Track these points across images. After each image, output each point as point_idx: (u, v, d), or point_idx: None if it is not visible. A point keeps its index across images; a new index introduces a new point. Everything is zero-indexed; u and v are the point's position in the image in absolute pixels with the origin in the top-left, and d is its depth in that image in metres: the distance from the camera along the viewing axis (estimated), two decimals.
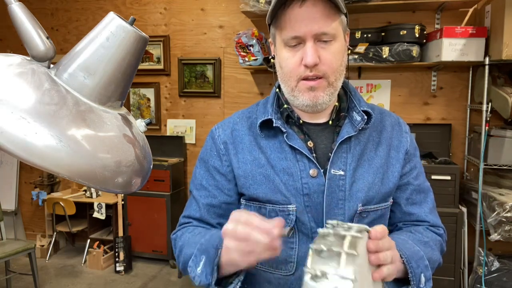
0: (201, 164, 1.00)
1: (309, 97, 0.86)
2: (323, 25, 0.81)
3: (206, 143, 1.01)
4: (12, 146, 0.45)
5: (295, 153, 0.90)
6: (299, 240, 0.91)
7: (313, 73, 0.84)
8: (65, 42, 3.99)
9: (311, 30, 0.81)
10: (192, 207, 0.99)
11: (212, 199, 0.96)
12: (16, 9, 0.52)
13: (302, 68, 0.84)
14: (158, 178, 3.49)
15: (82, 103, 0.52)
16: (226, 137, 0.97)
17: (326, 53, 0.83)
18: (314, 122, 0.95)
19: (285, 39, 0.84)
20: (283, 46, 0.86)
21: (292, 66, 0.85)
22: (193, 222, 0.98)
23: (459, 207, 2.69)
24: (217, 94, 3.67)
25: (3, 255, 2.89)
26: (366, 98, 3.26)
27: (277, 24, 0.86)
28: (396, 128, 0.99)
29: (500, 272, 2.62)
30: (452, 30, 2.63)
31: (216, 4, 3.60)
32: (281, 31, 0.85)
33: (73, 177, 0.48)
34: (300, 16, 0.81)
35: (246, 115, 1.00)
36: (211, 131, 1.01)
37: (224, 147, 0.96)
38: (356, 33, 2.89)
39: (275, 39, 0.90)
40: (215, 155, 0.97)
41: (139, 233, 3.63)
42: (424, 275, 0.83)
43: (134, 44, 0.55)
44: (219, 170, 0.96)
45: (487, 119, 2.61)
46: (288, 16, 0.82)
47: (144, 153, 0.60)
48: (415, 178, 0.98)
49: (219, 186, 0.96)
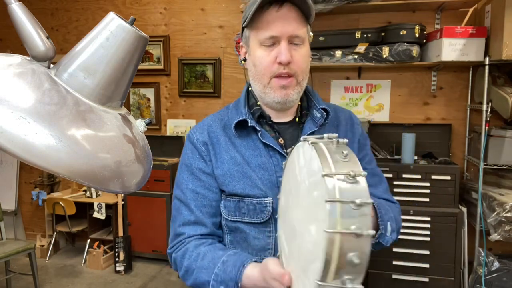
0: (184, 169, 1.04)
1: (281, 95, 0.96)
2: (296, 28, 0.92)
3: (186, 148, 1.06)
4: (12, 146, 0.45)
5: (268, 149, 1.00)
6: (275, 229, 0.98)
7: (286, 71, 0.93)
8: (65, 42, 3.99)
9: (287, 31, 0.91)
10: (183, 213, 1.02)
11: (202, 199, 1.01)
12: (16, 9, 0.52)
13: (276, 66, 0.93)
14: (158, 178, 3.49)
15: (82, 103, 0.52)
16: (204, 138, 1.03)
17: (297, 54, 0.94)
18: (282, 121, 1.04)
19: (262, 39, 0.93)
20: (259, 46, 0.95)
21: (266, 64, 0.94)
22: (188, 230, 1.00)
23: (459, 207, 2.69)
24: (217, 94, 3.67)
25: (3, 255, 2.89)
26: (366, 98, 3.26)
27: (253, 25, 0.95)
28: (349, 122, 1.10)
29: (500, 272, 2.62)
30: (452, 30, 2.63)
31: (216, 4, 3.60)
32: (257, 32, 0.94)
33: (73, 177, 0.48)
34: (277, 18, 0.91)
35: (218, 117, 1.07)
36: (188, 136, 1.06)
37: (205, 148, 1.03)
38: (356, 33, 2.89)
39: (248, 41, 0.99)
40: (198, 157, 1.03)
41: (139, 233, 3.63)
42: (390, 224, 0.93)
43: (134, 44, 0.55)
44: (204, 170, 1.02)
45: (487, 119, 2.61)
46: (265, 18, 0.92)
47: (144, 153, 0.60)
48: (368, 163, 1.09)
49: (206, 186, 1.01)
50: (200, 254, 0.96)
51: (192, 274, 0.95)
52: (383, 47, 2.82)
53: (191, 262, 0.96)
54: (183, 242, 1.01)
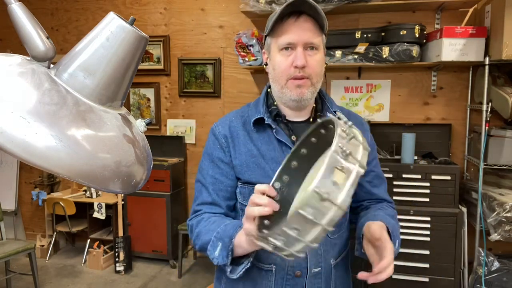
0: (206, 158, 1.18)
1: (296, 93, 1.07)
2: (311, 37, 1.05)
3: (209, 139, 1.19)
4: (12, 146, 0.45)
5: (281, 145, 1.11)
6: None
7: (301, 74, 1.05)
8: (65, 42, 4.00)
9: (302, 38, 1.04)
10: (203, 194, 1.16)
11: (220, 184, 1.14)
12: (16, 9, 0.52)
13: (292, 69, 1.05)
14: (158, 178, 3.49)
15: (82, 103, 0.52)
16: (226, 132, 1.15)
17: (312, 59, 1.06)
18: (297, 120, 1.16)
19: (281, 45, 1.06)
20: (278, 51, 1.07)
21: (284, 67, 1.06)
22: (205, 208, 1.14)
23: (459, 207, 2.69)
24: (217, 94, 3.67)
25: (3, 255, 2.89)
26: (366, 98, 3.26)
27: (274, 34, 1.08)
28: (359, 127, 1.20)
29: (500, 272, 2.62)
30: (452, 30, 2.63)
31: (216, 4, 3.60)
32: (277, 39, 1.07)
33: (73, 177, 0.48)
34: (295, 27, 1.04)
35: (239, 114, 1.20)
36: (212, 128, 1.19)
37: (225, 140, 1.15)
38: (356, 33, 2.89)
39: (270, 48, 1.11)
40: (219, 148, 1.15)
41: (139, 233, 3.63)
42: (398, 241, 1.05)
43: (134, 44, 0.55)
44: (223, 160, 1.14)
45: (487, 119, 2.61)
46: (285, 27, 1.05)
47: (144, 153, 0.60)
48: (375, 166, 1.24)
49: (224, 173, 1.14)
50: (211, 221, 1.09)
51: (200, 236, 1.08)
52: (383, 47, 2.82)
53: (201, 227, 1.09)
54: (200, 214, 1.14)
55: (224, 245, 0.99)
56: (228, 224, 1.03)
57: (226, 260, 0.98)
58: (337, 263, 1.15)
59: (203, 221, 1.11)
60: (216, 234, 1.02)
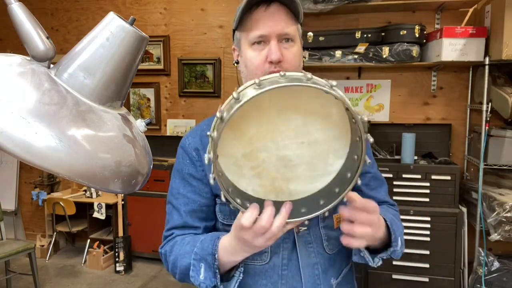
0: (176, 175, 1.04)
1: None
2: (285, 26, 0.91)
3: (178, 154, 1.05)
4: (12, 146, 0.45)
5: None
6: None
7: (277, 69, 0.89)
8: (65, 42, 3.99)
9: (275, 29, 0.90)
10: (173, 217, 1.03)
11: (193, 204, 1.00)
12: (16, 9, 0.52)
13: (267, 65, 0.91)
14: (158, 178, 3.49)
15: (82, 103, 0.52)
16: (196, 144, 1.01)
17: (288, 53, 0.92)
18: None
19: (251, 39, 0.93)
20: (249, 46, 0.94)
21: (257, 64, 0.92)
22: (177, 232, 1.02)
23: (459, 207, 2.69)
24: (217, 94, 3.67)
25: (3, 255, 2.89)
26: (366, 98, 3.26)
27: (243, 27, 0.95)
28: None
29: (500, 272, 2.62)
30: (452, 30, 2.63)
31: (216, 4, 3.60)
32: (247, 33, 0.94)
33: (73, 177, 0.48)
34: (265, 17, 0.91)
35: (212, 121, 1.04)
36: (181, 141, 1.06)
37: (196, 153, 1.01)
38: (356, 33, 2.89)
39: (239, 43, 0.99)
40: (189, 162, 1.02)
41: (139, 233, 3.63)
42: (400, 238, 0.92)
43: (134, 44, 0.55)
44: (195, 176, 1.01)
45: (487, 119, 2.61)
46: (254, 18, 0.92)
47: (144, 153, 0.60)
48: (371, 167, 1.09)
49: (196, 191, 1.01)
50: (185, 242, 0.96)
51: (176, 264, 0.95)
52: (383, 47, 2.82)
53: (176, 253, 0.96)
54: (172, 238, 1.02)
55: (208, 265, 0.86)
56: (203, 240, 0.90)
57: (214, 281, 0.86)
58: (339, 282, 1.01)
59: (176, 245, 0.97)
60: (195, 256, 0.89)
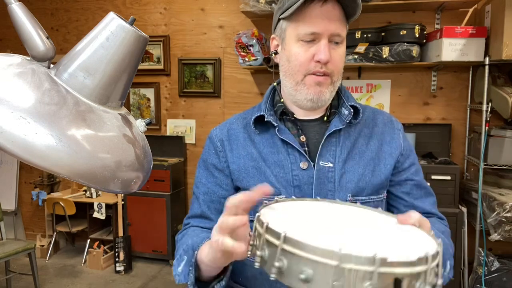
0: (201, 165, 1.06)
1: (314, 91, 0.91)
2: (338, 27, 0.88)
3: (205, 144, 1.07)
4: (12, 146, 0.45)
5: (287, 146, 0.95)
6: None
7: (323, 70, 0.89)
8: (65, 42, 3.99)
9: (329, 29, 0.87)
10: (194, 206, 1.03)
11: (212, 194, 1.00)
12: (16, 9, 0.52)
13: (313, 63, 0.89)
14: (158, 178, 3.49)
15: (82, 103, 0.52)
16: (223, 135, 1.02)
17: (336, 54, 0.90)
18: (307, 118, 0.99)
19: (301, 34, 0.89)
20: (296, 40, 0.90)
21: (302, 60, 0.90)
22: (194, 221, 1.01)
23: (459, 207, 2.68)
24: (217, 94, 3.67)
25: (3, 255, 2.89)
26: (366, 98, 3.26)
27: (293, 18, 0.90)
28: (388, 125, 1.03)
29: (500, 272, 2.62)
30: (452, 30, 2.63)
31: (216, 4, 3.60)
32: (297, 26, 0.89)
33: (73, 177, 0.48)
34: (321, 14, 0.87)
35: (242, 116, 1.06)
36: (210, 132, 1.07)
37: (221, 144, 1.01)
38: (356, 33, 2.89)
39: (284, 34, 0.93)
40: (213, 153, 1.02)
41: (139, 233, 3.63)
42: (449, 262, 0.87)
43: (134, 44, 0.55)
44: (217, 166, 1.01)
45: (487, 119, 2.61)
46: (308, 13, 0.87)
47: (144, 153, 0.60)
48: (415, 174, 1.03)
49: (217, 182, 1.01)
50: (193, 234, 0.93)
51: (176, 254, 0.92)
52: (383, 47, 2.82)
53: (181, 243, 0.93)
54: (187, 228, 1.01)
55: (188, 259, 0.82)
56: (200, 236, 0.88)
57: (187, 278, 0.79)
58: None
59: (186, 236, 0.95)
60: (185, 247, 0.86)
